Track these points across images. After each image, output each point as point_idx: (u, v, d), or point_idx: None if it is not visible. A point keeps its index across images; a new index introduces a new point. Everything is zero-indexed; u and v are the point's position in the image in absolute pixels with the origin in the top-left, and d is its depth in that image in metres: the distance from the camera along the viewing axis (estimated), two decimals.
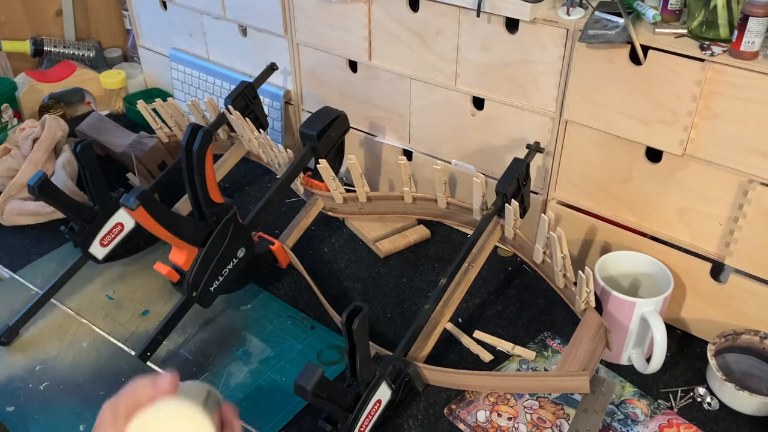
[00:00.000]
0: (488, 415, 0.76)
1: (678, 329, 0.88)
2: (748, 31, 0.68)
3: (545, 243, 0.82)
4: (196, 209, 0.82)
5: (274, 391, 0.80)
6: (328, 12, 1.03)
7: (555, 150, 0.90)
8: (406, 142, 1.07)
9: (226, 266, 0.85)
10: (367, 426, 0.70)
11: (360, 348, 0.66)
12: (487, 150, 0.97)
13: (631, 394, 0.79)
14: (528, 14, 0.80)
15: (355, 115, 1.08)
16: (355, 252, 1.02)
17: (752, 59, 0.69)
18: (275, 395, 0.79)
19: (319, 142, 0.97)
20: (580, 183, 0.90)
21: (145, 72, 1.49)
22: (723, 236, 0.80)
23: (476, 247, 0.86)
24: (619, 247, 0.88)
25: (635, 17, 0.77)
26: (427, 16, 0.92)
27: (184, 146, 0.79)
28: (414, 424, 0.75)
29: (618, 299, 0.78)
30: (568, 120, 0.86)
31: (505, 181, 0.85)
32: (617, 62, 0.78)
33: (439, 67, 0.95)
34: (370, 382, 0.69)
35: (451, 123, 0.99)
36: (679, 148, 0.78)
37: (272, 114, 1.22)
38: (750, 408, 0.75)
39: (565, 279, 0.82)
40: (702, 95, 0.73)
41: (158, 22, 1.36)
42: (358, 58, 1.04)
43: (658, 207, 0.84)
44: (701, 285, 0.83)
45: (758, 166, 0.73)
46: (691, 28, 0.74)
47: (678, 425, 0.75)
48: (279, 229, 1.00)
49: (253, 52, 1.21)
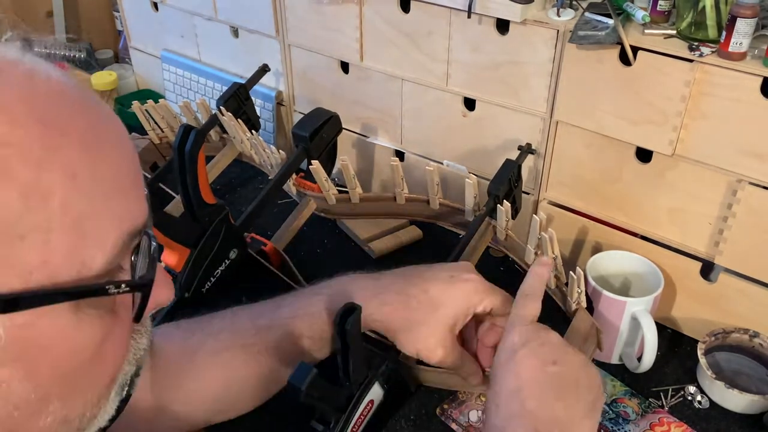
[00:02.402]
0: (480, 415, 0.76)
1: (668, 328, 0.88)
2: (736, 32, 0.68)
3: (537, 244, 0.82)
4: (188, 210, 0.82)
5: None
6: (320, 13, 1.03)
7: (546, 150, 0.90)
8: (398, 143, 1.07)
9: (218, 267, 0.85)
10: (360, 426, 0.70)
11: (353, 348, 0.66)
12: (478, 151, 0.98)
13: (622, 393, 0.79)
14: (518, 15, 0.81)
15: (348, 116, 1.09)
16: (347, 253, 1.02)
17: (740, 60, 0.70)
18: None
19: (312, 144, 0.97)
20: (571, 183, 0.90)
21: (137, 73, 1.49)
22: (713, 235, 0.81)
23: (468, 247, 0.86)
24: (610, 246, 0.88)
25: (625, 18, 0.78)
26: (418, 17, 0.92)
27: (176, 147, 0.79)
28: (406, 424, 0.76)
29: (609, 299, 0.79)
30: (559, 121, 0.86)
31: (496, 182, 0.85)
32: (607, 63, 0.78)
33: (430, 68, 0.95)
34: (362, 382, 0.70)
35: (443, 124, 0.99)
36: (668, 148, 0.78)
37: (264, 115, 1.22)
38: (740, 406, 0.76)
39: (557, 279, 0.82)
40: (691, 96, 0.74)
41: (149, 24, 1.36)
42: (349, 59, 1.05)
43: (649, 207, 0.85)
44: (691, 284, 0.84)
45: (747, 166, 0.74)
46: (680, 29, 0.74)
47: (669, 423, 0.75)
48: (271, 230, 1.00)
49: (244, 54, 1.21)
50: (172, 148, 0.79)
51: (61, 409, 0.36)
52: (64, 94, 0.35)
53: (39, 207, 0.31)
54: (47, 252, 0.32)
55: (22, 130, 0.32)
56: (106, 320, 0.36)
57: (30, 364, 0.33)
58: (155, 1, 1.30)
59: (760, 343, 0.80)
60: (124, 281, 0.36)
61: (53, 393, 0.35)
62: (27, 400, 0.34)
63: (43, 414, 0.36)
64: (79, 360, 0.35)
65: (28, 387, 0.34)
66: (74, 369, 0.36)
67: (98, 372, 0.38)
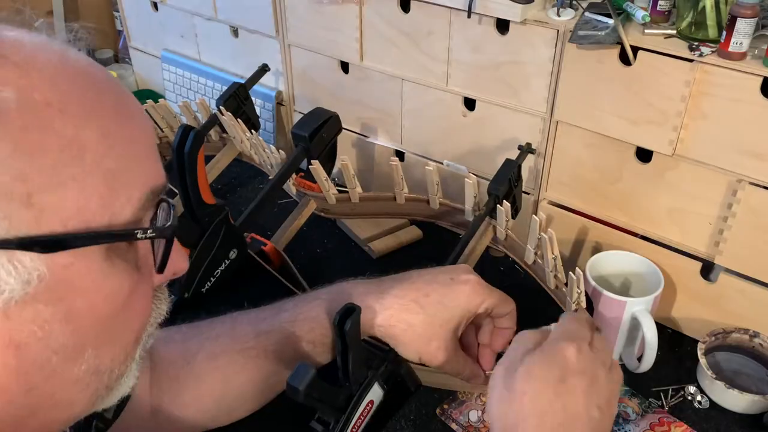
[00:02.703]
0: (480, 415, 0.76)
1: (669, 328, 0.88)
2: (736, 32, 0.68)
3: (536, 244, 0.82)
4: (188, 210, 0.82)
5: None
6: (320, 13, 1.03)
7: (546, 150, 0.90)
8: (398, 143, 1.07)
9: (218, 267, 0.85)
10: (360, 427, 0.70)
11: (352, 348, 0.66)
12: (478, 151, 0.98)
13: (623, 393, 0.79)
14: (518, 15, 0.81)
15: (347, 116, 1.08)
16: (347, 252, 1.02)
17: (740, 60, 0.70)
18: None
19: (312, 143, 0.97)
20: (571, 183, 0.90)
21: (137, 73, 1.49)
22: (713, 235, 0.80)
23: (468, 247, 0.86)
24: (610, 246, 0.88)
25: (625, 18, 0.78)
26: (418, 17, 0.92)
27: (175, 147, 0.79)
28: (406, 424, 0.76)
29: (609, 299, 0.78)
30: (559, 120, 0.86)
31: (496, 182, 0.85)
32: (607, 63, 0.78)
33: (430, 68, 0.95)
34: (362, 382, 0.69)
35: (443, 124, 0.99)
36: (668, 148, 0.78)
37: (264, 115, 1.22)
38: (740, 406, 0.76)
39: (557, 280, 0.82)
40: (691, 96, 0.74)
41: (149, 24, 1.36)
42: (349, 59, 1.05)
43: (649, 207, 0.84)
44: (691, 284, 0.84)
45: (747, 166, 0.74)
46: (680, 29, 0.74)
47: (669, 423, 0.75)
48: (271, 230, 1.00)
49: (244, 54, 1.21)
50: (171, 148, 0.78)
51: (94, 358, 0.39)
52: (93, 68, 0.40)
53: (76, 159, 0.35)
54: (83, 200, 0.36)
55: (62, 92, 0.36)
56: (133, 275, 0.40)
57: (70, 305, 0.37)
58: (155, 1, 1.30)
59: (760, 343, 0.80)
60: (150, 227, 0.40)
61: (88, 340, 0.39)
62: (65, 345, 0.37)
63: (78, 361, 0.39)
64: (111, 308, 0.39)
65: (67, 330, 0.37)
66: (107, 316, 0.39)
67: (127, 324, 0.41)
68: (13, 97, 0.34)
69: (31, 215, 0.34)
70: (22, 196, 0.33)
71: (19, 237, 0.34)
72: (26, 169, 0.34)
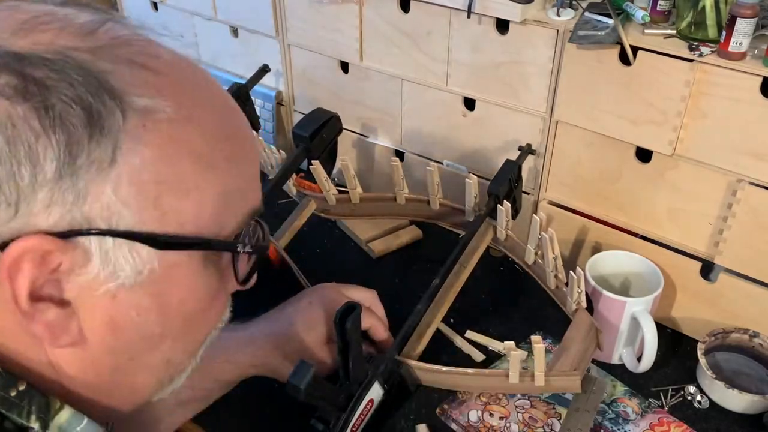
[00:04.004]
0: (480, 415, 0.76)
1: (668, 328, 0.88)
2: (736, 32, 0.68)
3: (537, 244, 0.82)
4: None
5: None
6: (320, 13, 1.03)
7: (546, 150, 0.90)
8: (398, 143, 1.07)
9: None
10: (360, 425, 0.70)
11: (353, 347, 0.66)
12: (478, 151, 0.98)
13: (622, 393, 0.79)
14: (518, 15, 0.81)
15: (347, 116, 1.09)
16: (347, 253, 1.02)
17: (740, 60, 0.70)
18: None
19: (312, 144, 0.97)
20: (571, 183, 0.90)
21: None
22: (712, 235, 0.81)
23: (468, 248, 0.86)
24: (610, 246, 0.88)
25: (624, 18, 0.78)
26: (418, 17, 0.92)
27: None
28: (406, 424, 0.75)
29: (609, 299, 0.79)
30: (559, 120, 0.86)
31: (497, 182, 0.85)
32: (607, 63, 0.78)
33: (430, 68, 0.95)
34: (362, 381, 0.70)
35: (443, 124, 0.99)
36: (668, 148, 0.78)
37: (264, 115, 1.22)
38: (740, 406, 0.76)
39: (557, 279, 0.82)
40: (691, 95, 0.74)
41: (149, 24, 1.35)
42: (349, 59, 1.05)
43: (649, 207, 0.85)
44: (691, 284, 0.84)
45: (747, 166, 0.74)
46: (679, 29, 0.74)
47: (668, 423, 0.75)
48: (271, 230, 1.00)
49: (244, 54, 1.21)
50: None
51: (170, 349, 0.43)
52: (225, 92, 0.45)
53: (204, 173, 0.40)
54: (200, 209, 0.40)
55: (202, 112, 0.40)
56: (219, 281, 0.44)
57: (166, 299, 0.41)
58: (155, 1, 1.30)
59: (760, 343, 0.80)
60: (248, 244, 0.44)
61: (171, 333, 0.42)
62: (152, 333, 0.41)
63: (157, 350, 0.43)
64: (197, 307, 0.43)
65: (158, 321, 0.41)
66: (192, 313, 0.43)
67: (204, 323, 0.45)
68: (169, 110, 0.38)
69: (157, 215, 0.38)
70: (154, 196, 0.38)
71: (144, 232, 0.38)
72: (163, 174, 0.38)
